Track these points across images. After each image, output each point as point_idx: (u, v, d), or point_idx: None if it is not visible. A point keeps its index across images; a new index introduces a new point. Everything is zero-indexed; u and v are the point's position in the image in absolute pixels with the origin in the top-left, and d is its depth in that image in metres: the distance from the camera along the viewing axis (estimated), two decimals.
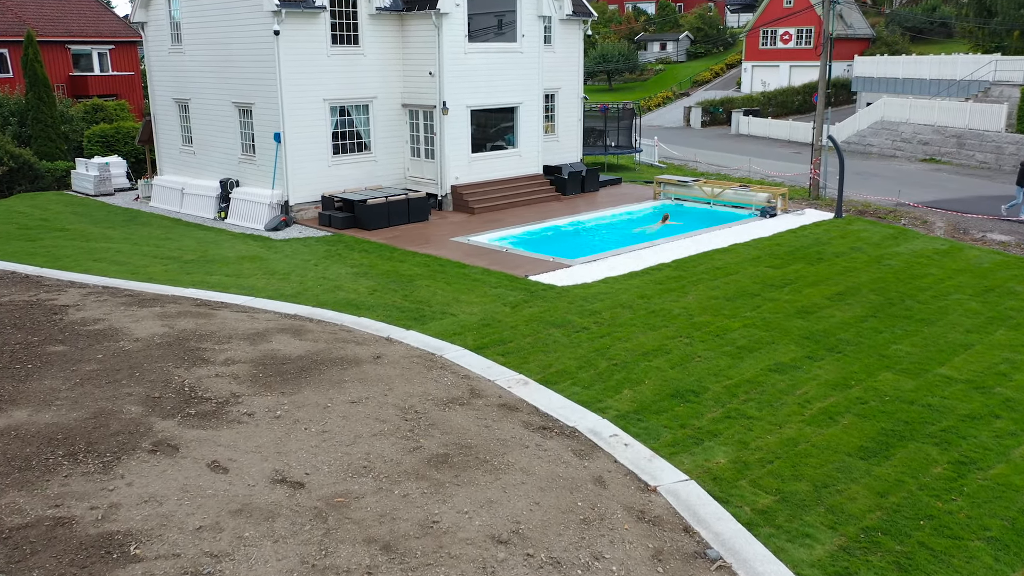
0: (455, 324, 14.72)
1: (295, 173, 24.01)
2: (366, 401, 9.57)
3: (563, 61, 29.99)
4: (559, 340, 13.91)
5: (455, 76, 24.81)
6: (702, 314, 15.17)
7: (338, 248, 20.88)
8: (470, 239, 21.54)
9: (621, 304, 15.79)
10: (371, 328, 12.98)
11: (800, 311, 15.33)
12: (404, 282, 17.55)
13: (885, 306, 15.58)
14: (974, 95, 38.98)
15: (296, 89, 23.48)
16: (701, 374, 12.35)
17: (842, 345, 13.55)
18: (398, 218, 23.46)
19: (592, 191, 29.07)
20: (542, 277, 17.75)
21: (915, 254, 19.53)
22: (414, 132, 26.05)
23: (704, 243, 20.75)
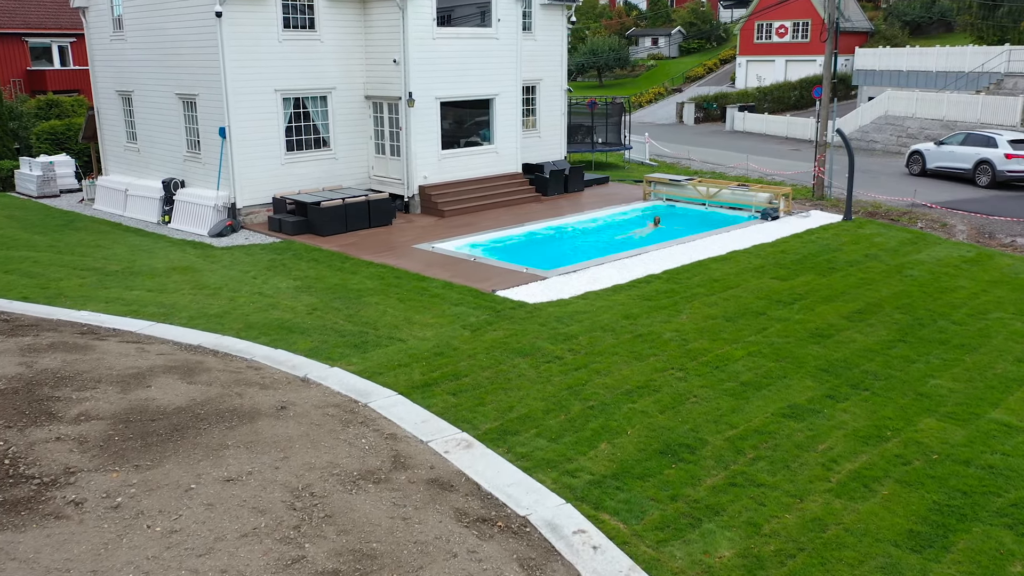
0: (402, 353, 12.25)
1: (243, 172, 21.50)
2: (247, 478, 7.09)
3: (544, 50, 27.53)
4: (525, 373, 11.45)
5: (422, 64, 22.33)
6: (698, 339, 12.72)
7: (284, 257, 18.39)
8: (435, 246, 19.07)
9: (602, 326, 13.33)
10: (286, 364, 10.49)
11: (814, 334, 12.90)
12: (351, 299, 15.07)
13: (914, 327, 13.16)
14: (985, 87, 36.66)
15: (243, 78, 20.97)
16: (697, 421, 9.90)
17: (868, 380, 11.11)
18: (357, 222, 20.97)
19: (576, 191, 26.62)
20: (512, 292, 15.29)
21: (940, 263, 17.13)
22: (378, 127, 23.56)
23: (699, 250, 18.33)
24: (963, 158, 27.40)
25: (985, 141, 26.85)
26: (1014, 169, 25.79)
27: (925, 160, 29.03)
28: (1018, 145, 26.15)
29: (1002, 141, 26.36)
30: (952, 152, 27.93)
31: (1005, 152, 26.02)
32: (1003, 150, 26.17)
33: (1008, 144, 26.14)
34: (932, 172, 28.72)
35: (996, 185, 26.54)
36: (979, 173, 26.78)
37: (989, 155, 26.50)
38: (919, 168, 29.29)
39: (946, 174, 28.14)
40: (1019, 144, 26.19)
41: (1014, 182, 26.21)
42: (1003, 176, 26.09)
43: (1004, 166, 25.90)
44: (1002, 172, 26.05)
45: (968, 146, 27.37)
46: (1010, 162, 25.67)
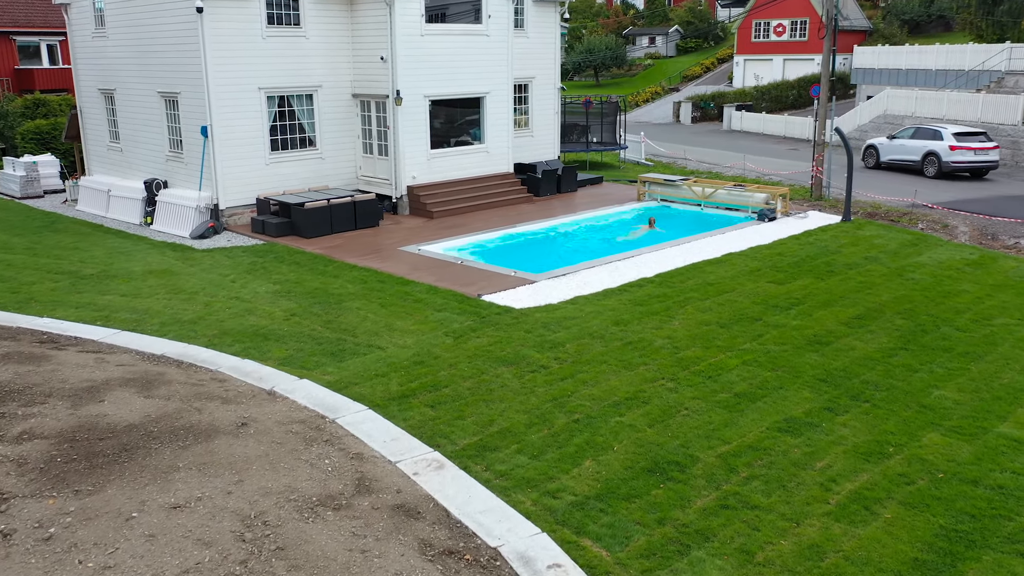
0: (380, 362, 11.69)
1: (226, 172, 20.92)
2: (196, 505, 6.52)
3: (537, 47, 26.96)
4: (508, 384, 10.89)
5: (410, 61, 21.77)
6: (690, 346, 12.16)
7: (266, 260, 17.81)
8: (421, 248, 18.50)
9: (591, 333, 12.77)
10: (252, 376, 9.92)
11: (812, 341, 12.34)
12: (331, 304, 14.51)
13: (916, 334, 12.60)
14: (986, 86, 36.12)
15: (226, 76, 20.39)
16: (688, 435, 9.34)
17: (869, 391, 10.55)
18: (342, 223, 20.40)
19: (569, 192, 26.06)
20: (498, 297, 14.73)
21: (942, 265, 16.58)
22: (366, 126, 22.99)
23: (694, 252, 17.77)
24: (912, 151, 28.63)
25: (932, 135, 28.19)
26: (958, 160, 27.21)
27: (879, 153, 30.19)
28: (962, 137, 27.40)
29: (947, 134, 27.64)
30: (903, 145, 29.08)
31: (950, 144, 27.38)
32: (948, 142, 27.50)
33: (952, 137, 27.44)
34: (885, 165, 29.75)
35: (942, 175, 27.81)
36: (927, 165, 28.11)
37: (935, 147, 27.80)
38: (874, 161, 30.44)
39: (898, 166, 29.26)
40: (963, 136, 27.45)
41: (958, 172, 27.64)
42: (948, 167, 27.48)
43: (949, 157, 27.29)
44: (947, 163, 27.45)
45: (917, 139, 28.59)
46: (954, 153, 27.08)
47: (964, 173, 27.84)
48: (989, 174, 28.42)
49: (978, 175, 28.06)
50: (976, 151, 27.24)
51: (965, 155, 27.18)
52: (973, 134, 27.72)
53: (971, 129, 28.26)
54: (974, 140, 27.49)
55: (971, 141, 27.42)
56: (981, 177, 28.09)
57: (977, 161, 27.24)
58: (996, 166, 27.91)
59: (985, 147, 27.26)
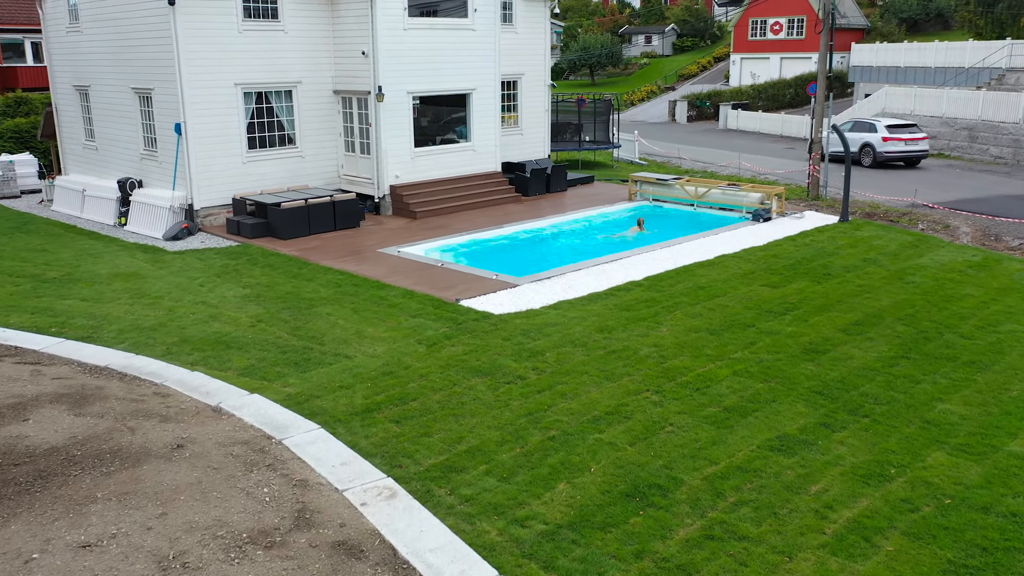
0: (346, 372, 10.94)
1: (201, 171, 20.15)
2: (108, 544, 5.77)
3: (526, 43, 26.21)
4: (481, 397, 10.14)
5: (393, 56, 21.01)
6: (678, 355, 11.41)
7: (239, 262, 17.05)
8: (401, 250, 17.74)
9: (573, 340, 12.02)
10: (200, 390, 9.16)
11: (807, 349, 11.60)
12: (301, 309, 13.75)
13: (918, 342, 11.86)
14: (986, 83, 35.39)
15: (200, 71, 19.63)
16: (672, 455, 8.59)
17: (868, 404, 9.81)
18: (321, 224, 19.64)
19: (559, 191, 25.31)
20: (477, 302, 13.98)
21: (944, 268, 15.84)
22: (348, 123, 22.23)
23: (685, 254, 17.03)
24: (852, 143, 29.22)
25: (868, 128, 30.50)
26: (889, 150, 29.62)
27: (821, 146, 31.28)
28: (893, 129, 29.77)
29: (881, 127, 30.04)
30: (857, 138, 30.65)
31: (883, 136, 29.67)
32: (881, 134, 29.78)
33: (885, 129, 29.83)
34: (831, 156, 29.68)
35: (876, 165, 30.06)
36: (863, 155, 30.32)
37: (871, 139, 30.03)
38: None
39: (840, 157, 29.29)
40: (894, 128, 29.84)
41: (891, 161, 29.92)
42: (882, 156, 29.78)
43: (882, 148, 29.65)
44: (880, 153, 29.79)
45: (856, 132, 30.51)
46: (886, 144, 29.48)
47: (898, 162, 29.99)
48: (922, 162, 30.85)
49: (911, 164, 30.23)
50: (907, 142, 29.48)
51: (896, 145, 29.43)
52: (904, 126, 29.95)
53: (902, 122, 30.58)
54: (905, 132, 29.66)
55: (902, 133, 29.60)
56: (914, 166, 30.19)
57: (908, 151, 29.52)
58: (926, 155, 30.29)
59: (915, 138, 29.55)
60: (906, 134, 29.64)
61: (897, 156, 29.69)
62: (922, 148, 29.77)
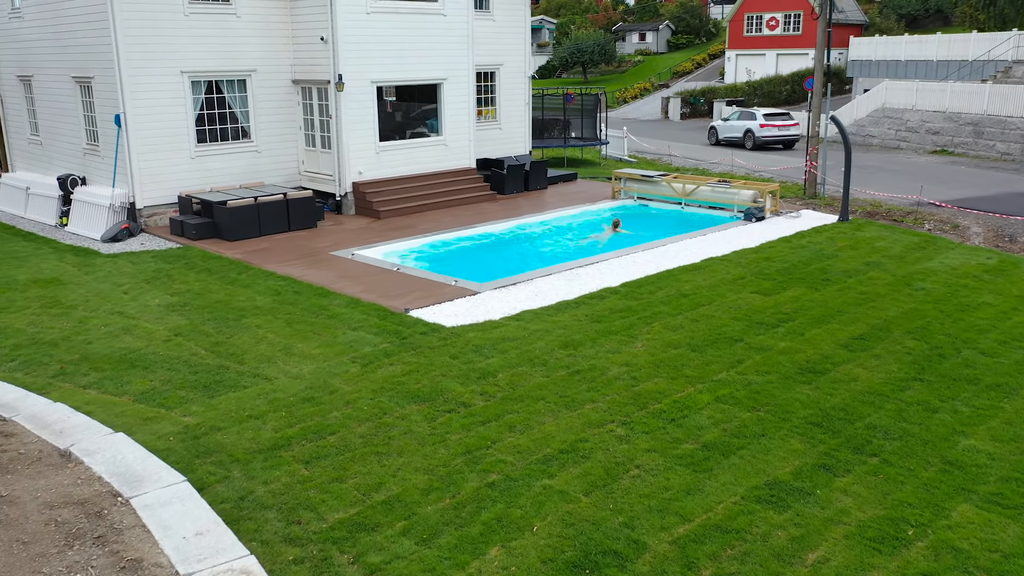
0: (260, 398, 9.29)
1: (143, 167, 18.48)
2: None
3: (505, 32, 24.55)
4: (415, 429, 8.49)
5: (354, 42, 19.35)
6: (652, 376, 9.77)
7: (175, 267, 15.38)
8: (357, 253, 16.09)
9: (532, 358, 10.36)
10: (54, 427, 7.49)
11: (803, 369, 9.95)
12: (228, 321, 12.09)
13: (932, 360, 10.22)
14: (992, 76, 33.78)
15: (141, 58, 17.97)
16: (636, 509, 6.95)
17: (877, 439, 8.16)
18: (273, 224, 17.98)
19: (539, 189, 23.67)
20: (429, 312, 12.32)
21: (955, 272, 14.21)
22: (308, 115, 20.56)
23: (669, 257, 15.39)
24: (738, 129, 35.73)
25: (750, 116, 35.38)
26: (766, 135, 34.41)
27: (718, 133, 36.91)
28: (769, 117, 34.71)
29: (759, 116, 34.93)
30: (732, 126, 36.17)
31: (760, 123, 34.56)
32: (759, 122, 34.65)
33: (763, 117, 34.76)
34: (723, 141, 36.29)
35: (756, 147, 34.64)
36: (746, 139, 35.07)
37: (751, 126, 34.88)
38: (715, 139, 37.04)
39: (730, 141, 35.99)
40: (770, 116, 34.75)
41: (769, 144, 34.66)
42: (760, 140, 34.52)
43: (760, 133, 34.50)
44: (759, 137, 34.52)
45: (740, 120, 35.83)
46: (763, 130, 34.39)
47: (776, 145, 34.73)
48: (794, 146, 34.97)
49: (788, 146, 34.87)
50: (780, 128, 34.46)
51: (771, 131, 34.32)
52: (778, 115, 34.93)
53: (777, 111, 35.56)
54: (779, 119, 34.69)
55: (776, 120, 34.63)
56: (790, 148, 34.69)
57: (781, 135, 34.45)
58: (798, 139, 34.29)
59: (787, 124, 34.60)
60: (779, 121, 34.56)
61: (773, 139, 34.50)
62: (793, 133, 34.41)
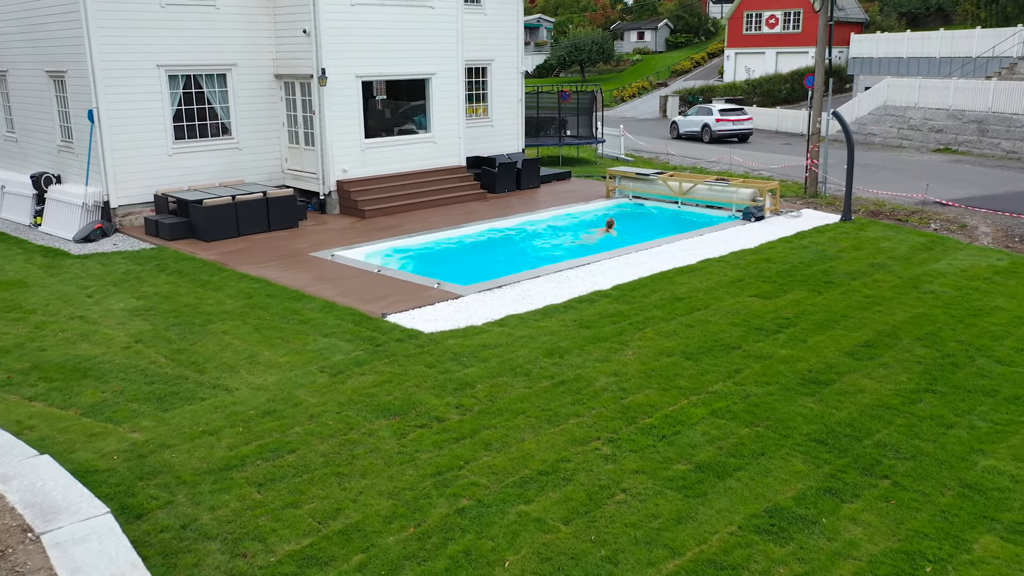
0: (218, 411, 8.57)
1: (118, 164, 17.76)
2: None
3: (496, 26, 23.84)
4: (382, 447, 7.77)
5: (338, 35, 18.64)
6: (643, 387, 9.05)
7: (145, 268, 14.65)
8: (336, 254, 15.37)
9: (514, 367, 9.64)
10: None
11: (806, 379, 9.23)
12: (194, 326, 11.36)
13: (944, 369, 9.50)
14: (996, 72, 33.08)
15: (115, 51, 17.25)
16: (621, 540, 6.23)
17: (888, 459, 7.44)
18: (252, 224, 17.26)
19: (531, 188, 22.96)
20: (407, 316, 11.60)
21: (965, 275, 13.49)
22: (291, 111, 19.84)
23: (664, 258, 14.68)
24: (696, 124, 37.60)
25: (707, 112, 37.27)
26: (721, 129, 36.29)
27: (679, 127, 38.83)
28: (724, 112, 36.63)
29: (715, 111, 36.91)
30: (691, 120, 38.09)
31: (716, 118, 36.47)
32: (715, 116, 36.58)
33: (718, 112, 36.69)
34: (684, 135, 38.16)
35: (713, 141, 36.36)
36: (703, 133, 36.93)
37: (708, 120, 36.77)
38: (676, 133, 38.86)
39: (689, 135, 37.90)
40: (725, 112, 36.66)
41: (725, 138, 36.44)
42: (716, 134, 36.36)
43: (716, 127, 36.36)
44: (716, 132, 36.36)
45: (698, 116, 37.77)
46: (719, 124, 36.25)
47: (732, 138, 36.49)
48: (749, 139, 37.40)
49: (743, 139, 36.90)
50: (735, 122, 36.36)
51: (726, 125, 36.21)
52: (733, 110, 36.87)
53: (731, 106, 37.49)
54: (733, 114, 36.62)
55: (731, 115, 36.55)
56: (745, 141, 36.74)
57: (736, 129, 36.40)
58: (752, 132, 37.19)
59: (741, 119, 36.57)
60: (734, 116, 36.50)
61: (728, 133, 36.33)
62: (747, 127, 36.60)
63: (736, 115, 36.64)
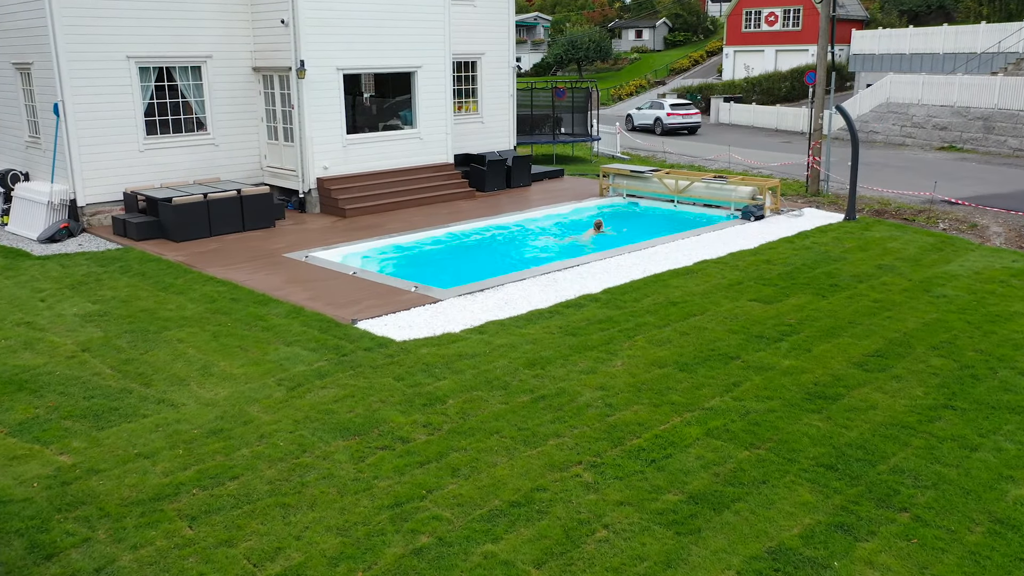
0: (159, 430, 7.71)
1: (85, 161, 16.90)
2: None
3: (487, 19, 22.97)
4: (337, 472, 6.91)
5: (318, 25, 17.79)
6: (632, 403, 8.19)
7: (108, 271, 13.78)
8: (311, 255, 14.51)
9: (491, 379, 8.78)
10: None
11: (812, 393, 8.38)
12: (148, 333, 10.50)
13: (964, 382, 8.64)
14: (1002, 68, 32.23)
15: (81, 41, 16.39)
16: None
17: (905, 487, 6.58)
18: (226, 224, 16.39)
19: (522, 186, 22.09)
20: (379, 323, 10.74)
21: (979, 277, 12.64)
22: (270, 106, 18.98)
23: (658, 260, 13.83)
24: (649, 117, 40.34)
25: (659, 107, 40.14)
26: (672, 123, 38.95)
27: (634, 120, 41.25)
28: (675, 107, 39.65)
29: (666, 105, 39.86)
30: (644, 114, 40.74)
31: (667, 112, 39.33)
32: (667, 111, 39.41)
33: (669, 107, 39.65)
34: (639, 128, 40.60)
35: (664, 133, 38.97)
36: (655, 126, 39.70)
37: (660, 114, 39.61)
38: (631, 125, 41.01)
39: (643, 128, 40.41)
40: (676, 107, 39.69)
41: (675, 130, 39.06)
42: (667, 127, 38.97)
43: (667, 120, 39.07)
44: (666, 124, 38.95)
45: (651, 110, 40.50)
46: (670, 118, 39.01)
47: (682, 131, 39.18)
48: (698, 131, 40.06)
49: (692, 132, 39.49)
50: (684, 116, 39.23)
51: (677, 119, 39.00)
52: (682, 105, 39.93)
53: (681, 102, 40.58)
54: (683, 109, 39.61)
55: (681, 110, 39.47)
56: (694, 134, 39.34)
57: (685, 123, 39.16)
58: (699, 126, 39.98)
59: (690, 113, 39.44)
60: (683, 111, 39.40)
61: (678, 125, 38.94)
62: (695, 121, 39.37)
63: (685, 110, 39.64)
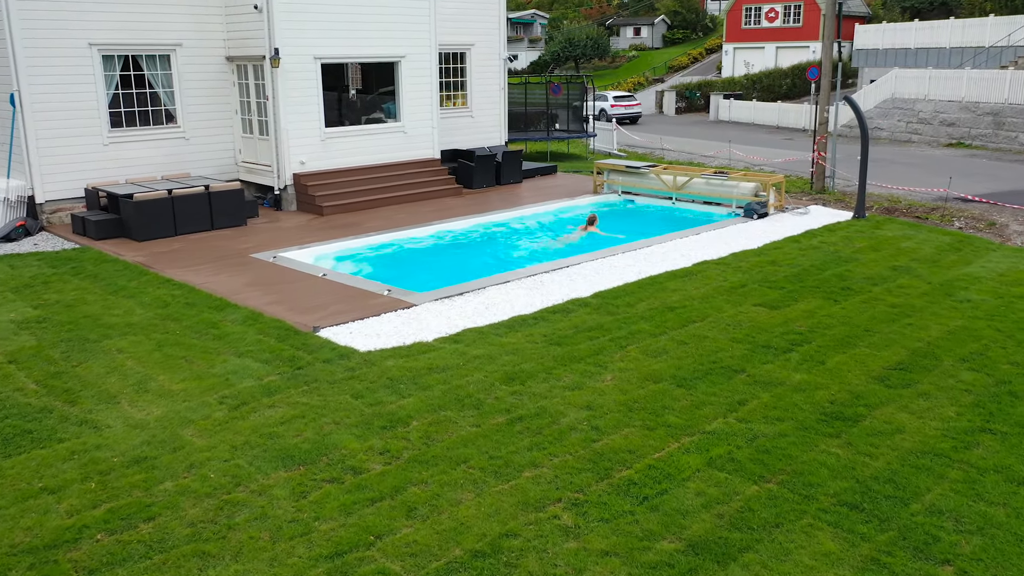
0: (74, 458, 6.66)
1: (45, 154, 15.85)
2: None
3: (476, 7, 21.92)
4: (272, 512, 5.84)
5: (294, 12, 16.74)
6: (622, 425, 7.13)
7: (59, 272, 12.71)
8: (280, 255, 13.44)
9: (462, 397, 7.72)
10: None
11: (828, 414, 7.32)
12: (86, 342, 9.43)
13: (1001, 400, 7.59)
14: (1012, 62, 31.19)
15: (39, 28, 15.34)
16: None
17: (945, 532, 5.52)
18: (193, 222, 15.32)
19: (512, 183, 21.04)
20: (343, 331, 9.68)
21: (1004, 280, 11.58)
22: (244, 97, 17.91)
23: (654, 260, 12.78)
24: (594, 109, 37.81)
25: (603, 99, 42.47)
26: (615, 113, 41.31)
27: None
28: (617, 99, 42.97)
29: (610, 97, 42.95)
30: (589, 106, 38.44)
31: (611, 104, 42.22)
32: (610, 103, 42.28)
33: (612, 99, 42.82)
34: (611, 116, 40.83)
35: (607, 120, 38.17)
36: (600, 116, 39.55)
37: (604, 106, 41.76)
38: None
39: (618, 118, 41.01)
40: (618, 98, 43.07)
41: (617, 119, 39.83)
42: (610, 116, 40.02)
43: (611, 111, 41.26)
44: (610, 114, 40.54)
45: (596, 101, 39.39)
46: (614, 109, 41.71)
47: (625, 120, 41.88)
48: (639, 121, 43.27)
49: (634, 121, 42.81)
50: (626, 107, 42.64)
51: (620, 110, 42.03)
52: (624, 97, 43.62)
53: (623, 94, 44.29)
54: (625, 101, 43.23)
55: (623, 101, 42.94)
56: (635, 123, 42.42)
57: (627, 113, 42.52)
58: (640, 115, 43.79)
59: (631, 104, 43.19)
60: (625, 102, 42.92)
61: (621, 115, 41.73)
62: (636, 111, 43.08)
63: (627, 101, 43.31)
